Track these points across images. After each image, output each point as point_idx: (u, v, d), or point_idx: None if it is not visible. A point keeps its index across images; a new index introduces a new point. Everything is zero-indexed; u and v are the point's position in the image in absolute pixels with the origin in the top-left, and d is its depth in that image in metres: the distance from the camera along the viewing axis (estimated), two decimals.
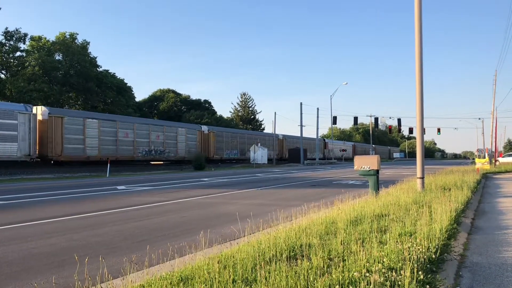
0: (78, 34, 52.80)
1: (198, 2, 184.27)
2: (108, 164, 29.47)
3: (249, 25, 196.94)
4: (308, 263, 4.04)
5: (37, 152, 28.29)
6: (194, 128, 45.33)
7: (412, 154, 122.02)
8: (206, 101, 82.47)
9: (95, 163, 32.39)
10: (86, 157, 31.43)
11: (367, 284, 3.41)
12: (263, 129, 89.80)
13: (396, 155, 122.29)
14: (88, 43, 53.34)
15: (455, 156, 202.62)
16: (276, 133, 62.50)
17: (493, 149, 43.73)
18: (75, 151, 30.48)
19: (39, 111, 29.06)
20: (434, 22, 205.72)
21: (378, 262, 4.03)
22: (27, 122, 26.80)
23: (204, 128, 47.34)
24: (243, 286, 3.57)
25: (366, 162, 11.35)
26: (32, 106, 28.59)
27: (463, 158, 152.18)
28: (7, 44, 47.40)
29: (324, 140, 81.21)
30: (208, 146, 46.17)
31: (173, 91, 79.18)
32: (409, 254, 4.16)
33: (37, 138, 28.14)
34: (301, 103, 59.51)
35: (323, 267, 3.95)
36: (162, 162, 41.51)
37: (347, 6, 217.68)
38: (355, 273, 3.66)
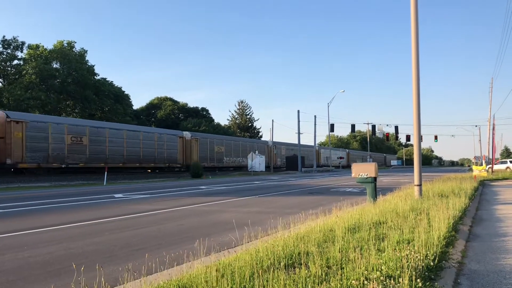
0: (75, 42, 53.16)
1: (196, 11, 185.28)
2: (105, 172, 29.39)
3: (247, 33, 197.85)
4: (306, 271, 4.03)
5: None
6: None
7: (409, 162, 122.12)
8: (203, 109, 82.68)
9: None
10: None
11: None
12: (261, 136, 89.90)
13: (393, 162, 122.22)
14: (85, 51, 53.57)
15: (452, 164, 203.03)
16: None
17: (490, 156, 43.86)
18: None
19: None
20: (431, 29, 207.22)
21: (377, 270, 4.02)
22: None
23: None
24: None
25: (363, 170, 11.36)
26: None
27: (460, 166, 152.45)
28: (5, 53, 47.53)
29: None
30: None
31: (171, 99, 79.36)
32: (407, 262, 4.15)
33: None
34: (298, 111, 59.76)
35: (322, 275, 3.94)
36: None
37: (344, 14, 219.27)
38: (353, 281, 3.65)
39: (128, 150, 35.29)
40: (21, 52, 48.97)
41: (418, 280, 3.72)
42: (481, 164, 45.38)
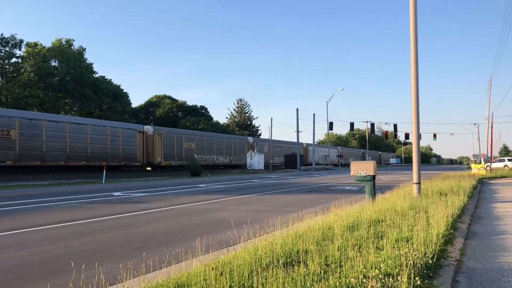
0: (74, 40, 52.95)
1: (195, 10, 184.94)
2: (104, 170, 29.34)
3: (246, 32, 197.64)
4: (305, 269, 4.03)
5: None
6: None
7: (408, 160, 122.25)
8: (202, 107, 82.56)
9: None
10: None
11: None
12: (260, 135, 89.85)
13: (392, 160, 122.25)
14: (84, 50, 53.41)
15: (451, 162, 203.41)
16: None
17: (489, 155, 43.92)
18: None
19: None
20: (429, 28, 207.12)
21: (375, 268, 4.02)
22: None
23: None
24: None
25: (362, 168, 11.36)
26: None
27: (459, 164, 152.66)
28: (3, 51, 47.36)
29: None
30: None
31: (169, 97, 79.25)
32: (406, 260, 4.15)
33: None
34: (297, 109, 59.65)
35: (320, 273, 3.94)
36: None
37: (343, 12, 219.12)
38: (352, 279, 3.65)
39: (72, 146, 30.92)
40: (19, 50, 48.81)
41: (417, 278, 3.73)
42: (480, 162, 45.42)
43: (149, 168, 40.84)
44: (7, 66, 48.40)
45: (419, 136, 12.45)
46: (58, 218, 10.12)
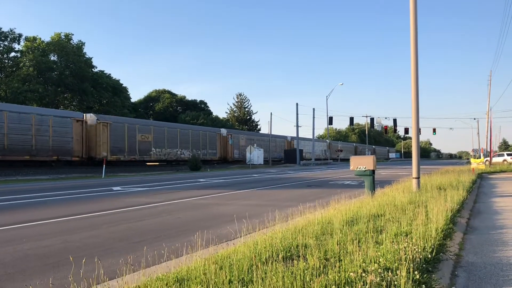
0: (73, 34, 52.81)
1: (194, 4, 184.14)
2: (104, 165, 29.31)
3: (244, 26, 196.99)
4: (304, 263, 4.04)
5: None
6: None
7: (407, 154, 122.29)
8: (202, 102, 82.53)
9: None
10: None
11: (363, 284, 3.41)
12: (259, 129, 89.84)
13: (392, 155, 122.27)
14: (83, 44, 53.29)
15: (451, 156, 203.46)
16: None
17: (489, 149, 43.94)
18: None
19: None
20: (429, 22, 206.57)
21: (374, 262, 4.03)
22: None
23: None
24: (239, 287, 3.57)
25: (362, 163, 11.37)
26: None
27: (459, 158, 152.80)
28: (1, 45, 47.22)
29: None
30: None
31: (169, 92, 79.16)
32: (405, 254, 4.17)
33: None
34: (297, 104, 59.62)
35: (320, 267, 3.95)
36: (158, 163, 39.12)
37: (343, 7, 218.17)
38: (351, 273, 3.66)
39: None
40: (18, 44, 48.71)
41: (416, 272, 3.74)
42: (479, 157, 45.48)
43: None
44: (6, 61, 48.29)
45: (418, 131, 12.44)
46: (59, 212, 10.13)
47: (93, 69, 54.64)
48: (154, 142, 39.12)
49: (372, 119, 55.59)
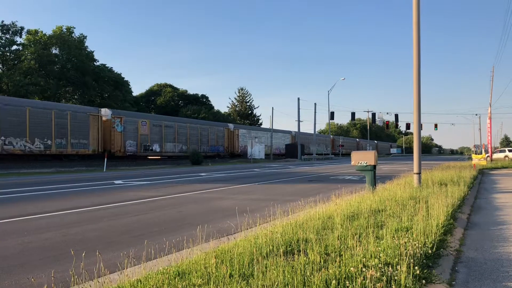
0: (75, 28, 52.72)
1: None
2: (105, 159, 29.36)
3: (247, 20, 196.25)
4: (305, 258, 4.04)
5: None
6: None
7: (409, 150, 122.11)
8: (203, 96, 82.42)
9: None
10: None
11: (364, 279, 3.42)
12: (261, 124, 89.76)
13: (393, 150, 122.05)
14: (85, 37, 53.19)
15: (452, 152, 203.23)
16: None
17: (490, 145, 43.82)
18: None
19: None
20: (432, 18, 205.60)
21: (375, 257, 4.04)
22: None
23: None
24: (240, 281, 3.57)
25: (363, 158, 11.36)
26: None
27: (460, 154, 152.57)
28: (3, 38, 47.16)
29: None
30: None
31: (171, 86, 79.07)
32: (405, 249, 4.17)
33: None
34: (298, 98, 59.58)
35: (320, 262, 3.96)
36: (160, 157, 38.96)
37: (345, 1, 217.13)
38: (351, 268, 3.67)
39: None
40: (20, 37, 48.62)
41: (416, 267, 3.74)
42: (481, 153, 45.40)
43: None
44: (8, 54, 48.22)
45: (420, 126, 12.42)
46: (60, 205, 10.16)
47: (94, 63, 54.57)
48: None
49: (373, 114, 55.56)
